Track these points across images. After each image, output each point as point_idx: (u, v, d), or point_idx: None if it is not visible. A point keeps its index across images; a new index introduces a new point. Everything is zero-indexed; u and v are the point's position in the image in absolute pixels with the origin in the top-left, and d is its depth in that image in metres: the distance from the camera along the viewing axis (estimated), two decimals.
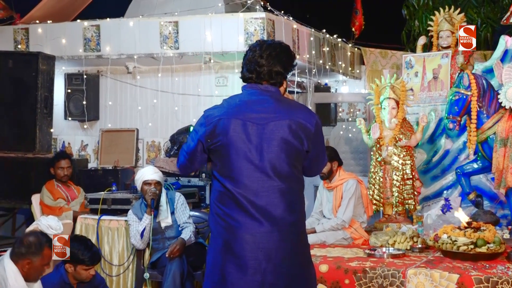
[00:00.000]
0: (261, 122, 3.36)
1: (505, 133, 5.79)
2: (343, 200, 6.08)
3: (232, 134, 3.34)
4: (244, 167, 3.34)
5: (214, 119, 3.36)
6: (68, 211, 6.86)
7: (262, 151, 3.35)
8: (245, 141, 3.35)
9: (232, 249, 3.33)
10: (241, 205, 3.33)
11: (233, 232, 3.34)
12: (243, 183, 3.34)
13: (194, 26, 8.04)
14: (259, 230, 3.32)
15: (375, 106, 6.73)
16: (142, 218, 5.78)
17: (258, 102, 3.43)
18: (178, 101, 8.61)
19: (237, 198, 3.34)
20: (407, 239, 5.59)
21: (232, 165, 3.35)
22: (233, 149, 3.34)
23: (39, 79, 7.77)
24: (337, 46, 10.06)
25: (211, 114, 3.40)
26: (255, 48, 3.47)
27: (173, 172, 7.39)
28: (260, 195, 3.35)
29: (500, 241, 5.13)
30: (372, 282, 4.92)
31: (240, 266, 3.32)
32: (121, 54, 8.38)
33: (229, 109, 3.39)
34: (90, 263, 4.92)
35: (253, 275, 3.30)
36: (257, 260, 3.30)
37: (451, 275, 4.68)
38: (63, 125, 9.11)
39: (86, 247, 4.96)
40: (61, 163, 7.05)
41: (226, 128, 3.34)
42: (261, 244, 3.32)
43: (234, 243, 3.33)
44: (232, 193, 3.34)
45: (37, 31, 8.75)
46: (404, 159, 6.49)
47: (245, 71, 3.50)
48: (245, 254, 3.31)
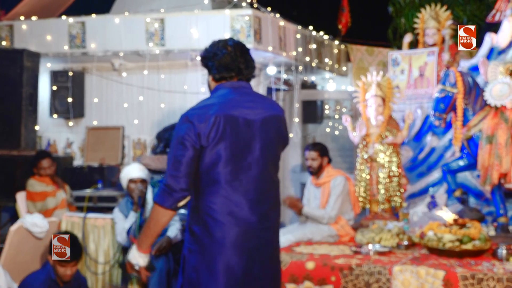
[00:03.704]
0: (256, 118, 3.36)
1: (491, 130, 5.83)
2: (331, 197, 6.09)
3: (231, 131, 3.28)
4: (245, 164, 3.32)
5: (210, 117, 3.24)
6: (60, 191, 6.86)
7: (261, 147, 3.36)
8: (245, 138, 3.32)
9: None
10: (251, 200, 3.35)
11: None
12: (243, 180, 3.32)
13: (180, 23, 8.02)
14: (258, 226, 3.36)
15: (361, 104, 6.75)
16: (128, 216, 5.77)
17: (247, 99, 3.42)
18: (164, 98, 8.58)
19: (246, 193, 3.34)
20: (393, 236, 5.61)
21: (231, 162, 3.29)
22: (233, 145, 3.29)
23: (23, 76, 7.71)
24: (324, 43, 10.07)
25: (202, 113, 3.26)
26: (227, 47, 3.43)
27: (159, 170, 7.38)
28: (261, 191, 3.37)
29: (486, 238, 5.17)
30: (358, 279, 4.94)
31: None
32: (106, 51, 8.34)
33: (222, 107, 3.30)
34: (65, 260, 4.89)
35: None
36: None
37: (437, 272, 4.71)
38: (48, 122, 9.06)
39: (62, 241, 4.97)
40: (42, 163, 7.01)
41: (225, 125, 3.26)
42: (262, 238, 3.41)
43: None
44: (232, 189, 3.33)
45: (21, 28, 8.69)
46: (390, 157, 6.52)
47: (222, 71, 3.42)
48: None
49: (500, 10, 7.54)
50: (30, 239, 5.45)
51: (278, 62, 8.61)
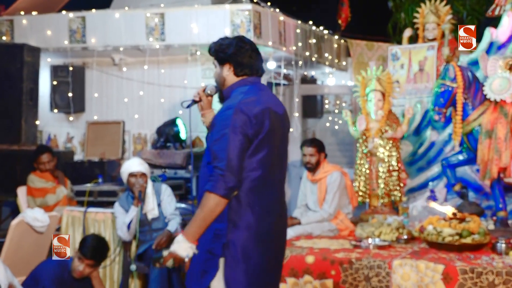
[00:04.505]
0: (279, 112, 3.48)
1: (490, 125, 5.83)
2: (328, 193, 6.10)
3: (272, 124, 3.39)
4: (276, 157, 3.46)
5: (258, 110, 3.34)
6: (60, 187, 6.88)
7: (283, 141, 3.53)
8: (278, 131, 3.45)
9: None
10: (277, 191, 3.50)
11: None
12: (275, 172, 3.45)
13: (180, 18, 8.02)
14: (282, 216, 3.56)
15: (361, 98, 6.75)
16: (129, 210, 5.77)
17: (268, 94, 3.56)
18: (165, 93, 8.58)
19: (274, 185, 3.47)
20: (393, 230, 5.62)
21: (269, 155, 3.40)
22: (272, 139, 3.40)
23: (24, 71, 7.71)
24: (324, 38, 10.07)
25: (251, 106, 3.35)
26: (245, 44, 3.51)
27: (159, 164, 7.39)
28: (283, 182, 3.57)
29: (485, 232, 5.18)
30: (358, 273, 4.94)
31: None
32: (107, 46, 8.34)
33: (261, 101, 3.41)
34: (86, 252, 4.92)
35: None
36: None
37: (436, 266, 4.71)
38: (48, 117, 9.06)
39: (94, 239, 5.08)
40: (41, 158, 7.04)
41: (269, 118, 3.37)
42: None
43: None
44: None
45: (22, 23, 8.69)
46: (390, 151, 6.53)
47: (245, 67, 3.50)
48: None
49: (500, 5, 7.52)
50: (31, 233, 5.46)
51: (278, 56, 8.61)
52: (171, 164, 7.39)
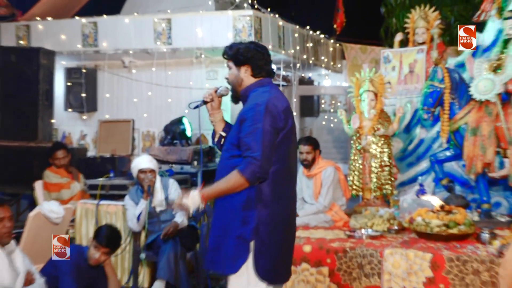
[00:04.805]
0: (292, 111, 3.59)
1: (476, 123, 5.83)
2: (323, 187, 6.11)
3: (292, 121, 3.52)
4: (293, 152, 3.60)
5: (283, 107, 3.45)
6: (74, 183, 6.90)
7: (296, 137, 3.67)
8: (294, 128, 3.57)
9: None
10: (293, 183, 3.63)
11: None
12: (293, 165, 3.58)
13: (186, 23, 8.03)
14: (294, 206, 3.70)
15: (355, 98, 6.75)
16: (139, 203, 5.79)
17: (282, 94, 3.65)
18: (171, 93, 8.60)
19: (292, 177, 3.60)
20: (384, 221, 5.63)
21: (289, 149, 3.51)
22: (291, 134, 3.53)
23: (40, 73, 7.73)
24: (320, 42, 10.08)
25: (277, 104, 3.45)
26: (259, 47, 3.61)
27: (166, 160, 7.40)
28: (296, 176, 3.73)
29: (470, 223, 5.19)
30: (351, 261, 4.96)
31: None
32: (117, 49, 8.36)
33: (281, 99, 3.50)
34: (102, 241, 4.92)
35: None
36: None
37: (425, 255, 4.73)
38: (63, 116, 9.08)
39: (109, 229, 5.06)
40: (57, 154, 7.04)
41: (289, 115, 3.49)
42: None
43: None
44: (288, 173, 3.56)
45: (37, 28, 8.71)
46: (382, 147, 6.53)
47: (263, 70, 3.59)
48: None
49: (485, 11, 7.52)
50: (47, 224, 5.48)
51: (277, 59, 8.62)
52: (178, 159, 7.40)
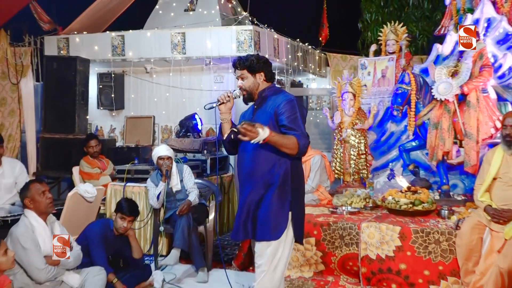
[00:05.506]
0: None
1: (437, 118, 5.81)
2: (312, 172, 6.09)
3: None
4: None
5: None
6: (105, 176, 6.87)
7: None
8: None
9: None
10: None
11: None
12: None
13: (197, 36, 7.98)
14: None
15: (337, 98, 6.73)
16: (158, 185, 5.76)
17: None
18: (185, 94, 8.56)
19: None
20: (361, 200, 5.62)
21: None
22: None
23: (77, 78, 7.69)
24: (308, 51, 10.03)
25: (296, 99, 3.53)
26: (265, 58, 3.64)
27: (181, 149, 7.37)
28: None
29: (432, 201, 5.18)
30: (334, 233, 4.95)
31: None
32: (141, 58, 8.31)
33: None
34: (126, 212, 4.86)
35: None
36: None
37: (394, 227, 4.72)
38: (96, 113, 9.04)
39: (127, 201, 5.00)
40: (90, 143, 7.03)
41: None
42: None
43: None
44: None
45: (75, 40, 8.65)
46: (359, 139, 6.51)
47: (273, 75, 3.66)
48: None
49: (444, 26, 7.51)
50: (83, 203, 5.45)
51: (273, 66, 8.55)
52: (191, 149, 7.37)
